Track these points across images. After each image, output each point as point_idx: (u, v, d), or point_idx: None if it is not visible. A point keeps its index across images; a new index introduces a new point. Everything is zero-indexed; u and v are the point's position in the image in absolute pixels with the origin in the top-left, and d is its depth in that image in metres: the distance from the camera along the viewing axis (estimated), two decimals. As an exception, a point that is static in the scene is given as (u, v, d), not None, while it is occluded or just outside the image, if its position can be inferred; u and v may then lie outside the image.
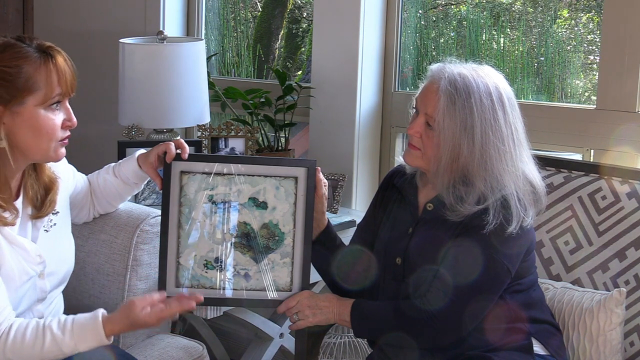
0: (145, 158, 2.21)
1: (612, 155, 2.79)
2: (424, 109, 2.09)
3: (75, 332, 1.92)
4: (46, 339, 1.91)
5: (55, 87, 1.95)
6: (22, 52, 1.93)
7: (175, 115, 3.12)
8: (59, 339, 1.91)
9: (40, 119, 1.94)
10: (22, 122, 1.93)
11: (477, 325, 2.07)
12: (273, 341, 3.10)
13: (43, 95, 1.93)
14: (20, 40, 1.96)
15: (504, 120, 2.06)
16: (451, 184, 2.08)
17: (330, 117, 3.36)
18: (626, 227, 2.34)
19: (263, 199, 2.17)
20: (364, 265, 2.25)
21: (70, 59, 2.01)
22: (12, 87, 1.91)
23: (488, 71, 2.11)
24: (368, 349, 2.84)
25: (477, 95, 2.04)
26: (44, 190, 2.06)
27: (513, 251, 2.05)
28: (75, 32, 4.08)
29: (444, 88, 2.04)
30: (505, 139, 2.06)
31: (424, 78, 2.15)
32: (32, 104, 1.93)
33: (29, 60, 1.93)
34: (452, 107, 2.04)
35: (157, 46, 3.15)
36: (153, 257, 2.33)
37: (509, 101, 2.08)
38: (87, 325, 1.94)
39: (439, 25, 3.47)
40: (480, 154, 2.04)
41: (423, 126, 2.09)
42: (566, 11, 3.24)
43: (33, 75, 1.92)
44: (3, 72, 1.90)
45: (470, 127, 2.03)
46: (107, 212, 2.40)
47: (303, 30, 3.98)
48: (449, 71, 2.07)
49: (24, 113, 1.93)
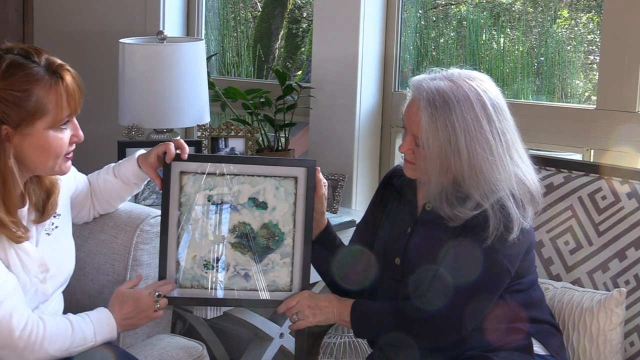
0: (145, 158, 2.21)
1: (612, 155, 2.79)
2: (410, 128, 2.09)
3: (94, 321, 2.04)
4: (74, 327, 2.00)
5: (64, 109, 1.95)
6: (32, 74, 1.91)
7: (175, 115, 3.12)
8: (84, 327, 2.01)
9: (50, 140, 1.95)
10: (31, 143, 1.93)
11: (477, 325, 2.07)
12: (273, 341, 3.10)
13: (53, 118, 1.93)
14: (29, 58, 1.93)
15: (489, 129, 2.04)
16: (444, 194, 2.07)
17: (330, 117, 3.36)
18: (626, 227, 2.34)
19: (263, 199, 2.17)
20: (363, 265, 2.25)
21: (78, 75, 1.99)
22: (22, 111, 1.90)
23: (469, 78, 2.07)
24: (368, 349, 2.84)
25: (458, 110, 2.02)
26: (45, 194, 2.06)
27: (513, 251, 2.05)
28: (75, 32, 4.09)
29: (423, 107, 2.03)
30: (494, 149, 2.04)
31: (408, 90, 2.13)
32: (41, 127, 1.93)
33: (39, 84, 1.91)
34: (434, 126, 2.02)
35: (157, 46, 3.14)
36: (153, 257, 2.32)
37: (494, 106, 2.05)
38: (101, 315, 2.06)
39: (439, 25, 3.47)
40: (470, 168, 2.03)
41: (412, 144, 2.10)
42: (566, 11, 3.24)
43: (43, 99, 1.91)
44: (13, 96, 1.89)
45: (455, 143, 2.02)
46: (107, 212, 2.40)
47: (303, 30, 3.98)
48: (427, 88, 2.04)
49: (34, 135, 1.93)
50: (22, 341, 1.91)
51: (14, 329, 1.90)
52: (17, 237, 1.94)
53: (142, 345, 2.35)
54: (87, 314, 2.06)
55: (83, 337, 2.01)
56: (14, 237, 1.93)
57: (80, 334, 2.01)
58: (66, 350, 1.99)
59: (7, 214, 1.91)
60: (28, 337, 1.92)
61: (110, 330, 2.06)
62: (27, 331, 1.92)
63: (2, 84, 1.89)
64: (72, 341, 1.99)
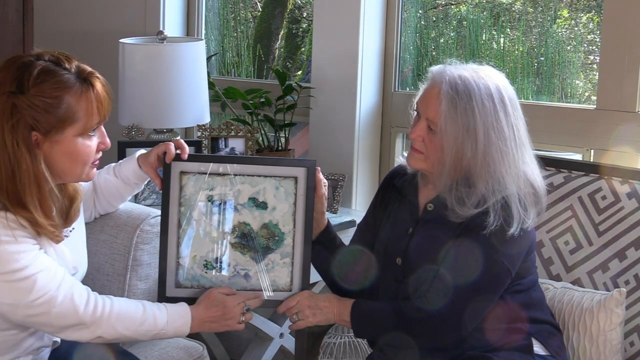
0: (145, 158, 2.22)
1: (612, 155, 2.79)
2: (426, 113, 2.08)
3: (169, 311, 2.05)
4: (146, 310, 2.02)
5: (94, 117, 1.96)
6: (63, 81, 1.92)
7: (175, 115, 3.13)
8: (157, 313, 2.03)
9: (79, 147, 1.96)
10: (60, 150, 1.94)
11: (477, 326, 2.07)
12: (273, 341, 3.10)
13: (82, 125, 1.95)
14: (59, 65, 1.94)
15: (506, 121, 2.06)
16: (454, 186, 2.07)
17: (330, 117, 3.36)
18: (626, 227, 2.34)
19: (263, 199, 2.17)
20: (364, 266, 2.25)
21: (107, 83, 2.01)
22: (53, 118, 1.91)
23: (489, 72, 2.10)
24: (368, 349, 2.84)
25: (479, 97, 2.03)
26: (68, 201, 2.08)
27: (513, 252, 2.05)
28: (75, 32, 4.09)
29: (445, 92, 2.04)
30: (508, 140, 2.05)
31: (425, 80, 2.14)
32: (71, 134, 1.94)
33: (70, 91, 1.92)
34: (454, 110, 2.03)
35: (157, 46, 3.15)
36: (153, 257, 2.33)
37: (511, 102, 2.08)
38: (178, 308, 2.07)
39: (439, 25, 3.47)
40: (483, 157, 2.04)
41: (425, 130, 2.09)
42: (566, 11, 3.25)
43: (74, 106, 1.92)
44: (44, 103, 1.90)
45: (473, 130, 2.03)
46: (107, 212, 2.40)
47: (303, 30, 3.98)
48: (450, 74, 2.06)
49: (63, 142, 1.94)
50: (88, 316, 1.95)
51: (77, 305, 1.94)
52: (56, 236, 1.97)
53: (142, 345, 2.36)
54: (165, 304, 2.08)
55: (154, 321, 2.03)
56: (54, 237, 1.97)
57: (151, 318, 2.02)
58: (135, 330, 2.01)
59: (46, 218, 1.94)
60: (93, 311, 1.96)
61: (182, 324, 2.07)
62: (90, 306, 1.96)
63: (33, 91, 1.90)
64: (142, 322, 2.01)
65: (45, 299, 1.91)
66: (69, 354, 2.14)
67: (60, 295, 1.93)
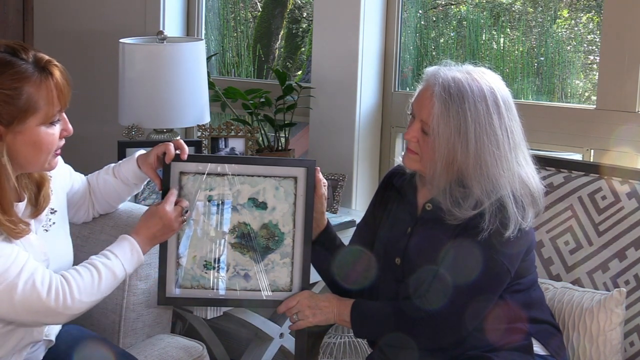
0: (145, 159, 2.21)
1: (612, 155, 2.79)
2: (420, 114, 2.09)
3: (117, 253, 2.04)
4: (100, 270, 2.01)
5: (55, 105, 1.94)
6: (21, 71, 1.90)
7: (175, 115, 3.12)
8: (109, 265, 2.02)
9: (42, 136, 1.94)
10: (23, 140, 1.93)
11: (477, 325, 2.07)
12: (273, 341, 3.10)
13: (44, 114, 1.93)
14: (16, 55, 1.92)
15: (499, 124, 2.05)
16: (448, 188, 2.07)
17: (330, 117, 3.36)
18: (626, 227, 2.34)
19: (262, 199, 2.17)
20: (363, 266, 2.25)
21: (65, 70, 1.99)
22: (13, 109, 1.89)
23: (483, 74, 2.09)
24: (368, 349, 2.84)
25: (472, 100, 2.03)
26: (36, 187, 2.06)
27: (513, 251, 2.05)
28: (75, 32, 4.09)
29: (437, 94, 2.04)
30: (501, 144, 2.05)
31: (420, 81, 2.15)
32: (33, 124, 1.92)
33: (29, 81, 1.90)
34: (446, 112, 2.03)
35: (157, 46, 3.15)
36: (153, 257, 2.32)
37: (505, 104, 2.07)
38: (122, 242, 2.07)
39: (439, 25, 3.47)
40: (475, 159, 2.04)
41: (419, 131, 2.09)
42: (566, 11, 3.24)
43: (34, 96, 1.90)
44: (4, 95, 1.88)
45: (464, 132, 2.03)
46: (107, 213, 2.40)
47: (303, 30, 3.98)
48: (443, 76, 2.06)
49: (26, 132, 1.92)
50: (52, 301, 1.93)
51: (39, 292, 1.92)
52: (16, 233, 1.94)
53: (142, 345, 2.36)
54: (109, 249, 2.06)
55: (113, 275, 2.02)
56: (13, 233, 1.94)
57: (108, 273, 2.01)
58: (101, 291, 2.01)
59: (4, 214, 1.91)
60: (56, 296, 1.93)
61: (136, 257, 2.07)
62: (53, 291, 1.93)
63: None
64: (103, 283, 2.00)
65: (4, 286, 1.88)
66: (68, 354, 2.14)
67: (20, 282, 1.90)
